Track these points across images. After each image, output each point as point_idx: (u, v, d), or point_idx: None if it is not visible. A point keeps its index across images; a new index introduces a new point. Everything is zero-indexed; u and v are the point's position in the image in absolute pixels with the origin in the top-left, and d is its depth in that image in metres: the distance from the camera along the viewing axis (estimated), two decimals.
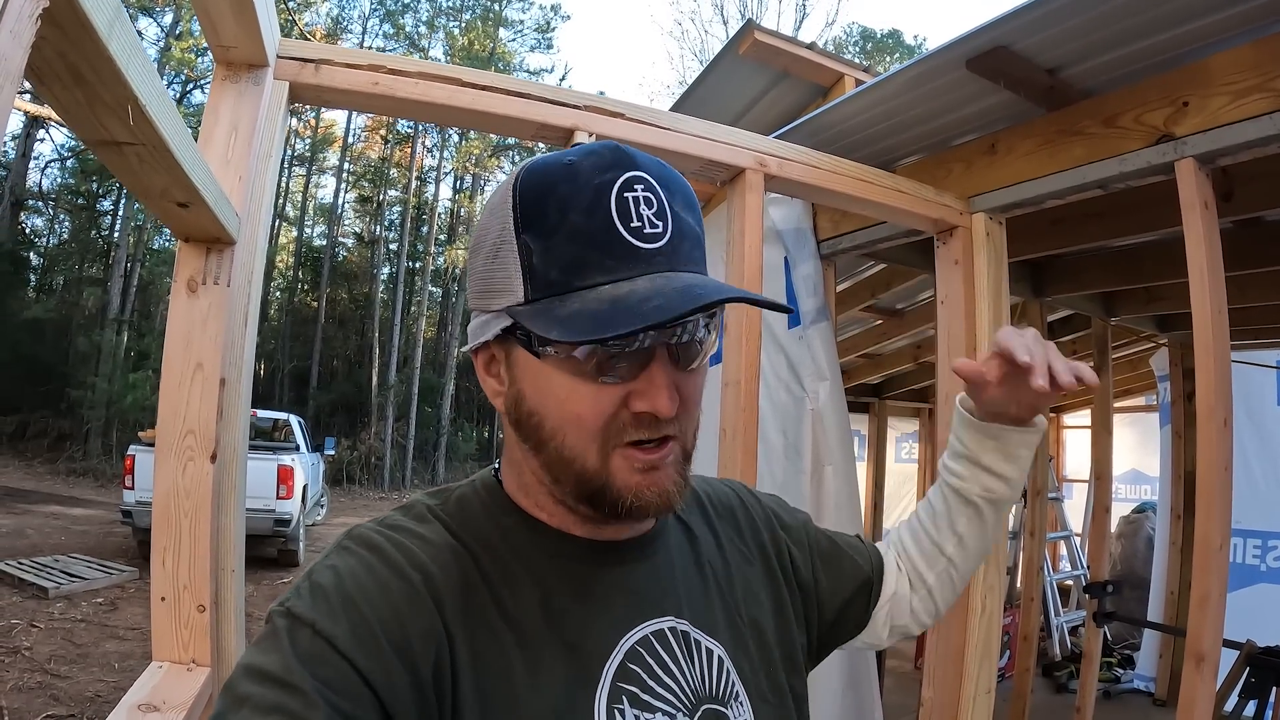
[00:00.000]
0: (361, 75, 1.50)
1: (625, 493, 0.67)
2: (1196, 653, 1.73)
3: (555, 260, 0.63)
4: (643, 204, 0.64)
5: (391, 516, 0.73)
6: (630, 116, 1.75)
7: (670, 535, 0.81)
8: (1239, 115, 1.70)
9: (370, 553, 0.66)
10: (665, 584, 0.77)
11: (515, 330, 0.66)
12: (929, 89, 2.12)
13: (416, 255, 27.70)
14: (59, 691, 5.25)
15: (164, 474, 1.34)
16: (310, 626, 0.60)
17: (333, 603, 0.62)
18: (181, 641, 1.33)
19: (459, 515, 0.73)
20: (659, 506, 0.68)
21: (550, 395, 0.66)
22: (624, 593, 0.73)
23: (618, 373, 0.65)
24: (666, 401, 0.64)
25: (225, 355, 1.38)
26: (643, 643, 0.72)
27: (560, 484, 0.69)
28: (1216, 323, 1.75)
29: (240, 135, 1.42)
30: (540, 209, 0.64)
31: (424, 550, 0.67)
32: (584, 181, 0.64)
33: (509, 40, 28.91)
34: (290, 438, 11.94)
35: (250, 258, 1.45)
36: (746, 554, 0.88)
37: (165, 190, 1.11)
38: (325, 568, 0.65)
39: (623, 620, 0.72)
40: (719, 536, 0.87)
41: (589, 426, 0.65)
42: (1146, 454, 7.71)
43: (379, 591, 0.63)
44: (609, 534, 0.74)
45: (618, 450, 0.66)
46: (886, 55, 31.50)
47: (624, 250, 0.63)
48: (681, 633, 0.75)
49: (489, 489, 0.76)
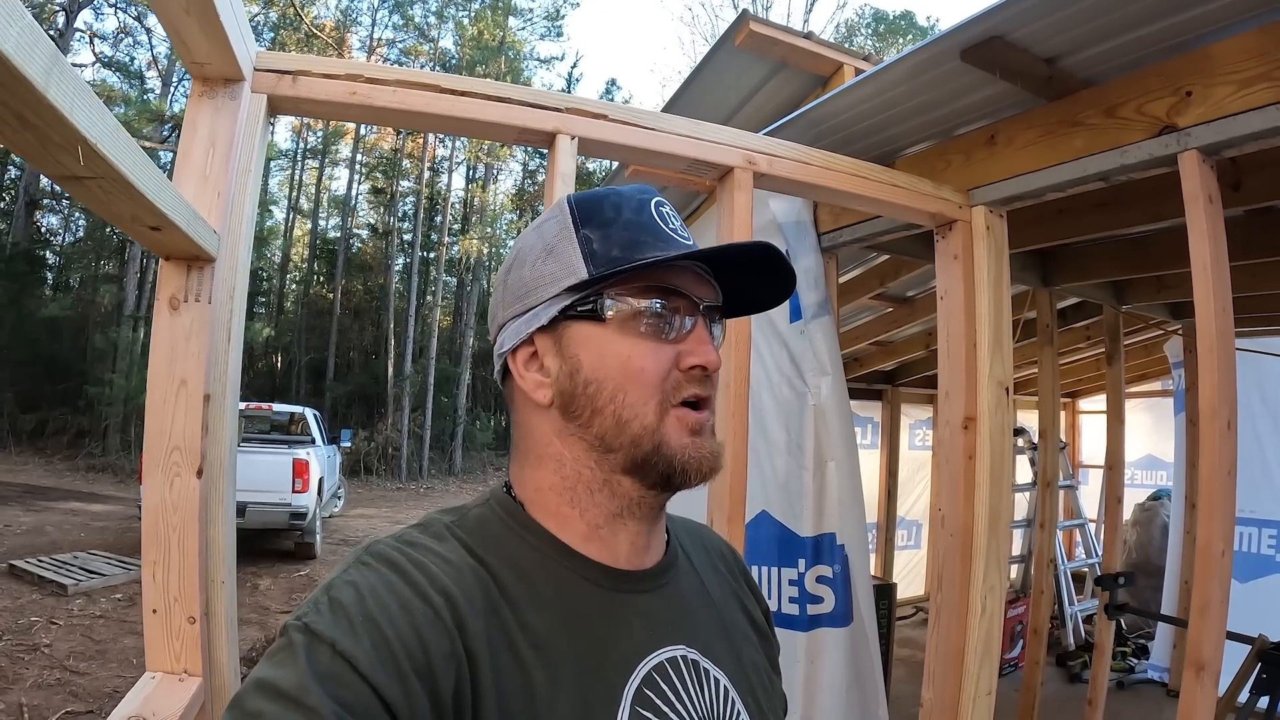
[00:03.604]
0: (339, 85, 1.49)
1: (679, 452, 0.72)
2: (1197, 661, 1.70)
3: (615, 242, 0.74)
4: (672, 218, 0.77)
5: (409, 534, 0.73)
6: (614, 118, 1.72)
7: (680, 566, 0.84)
8: (1244, 105, 1.64)
9: (391, 571, 0.66)
10: (677, 613, 0.79)
11: (575, 307, 0.74)
12: (926, 79, 2.07)
13: (430, 245, 27.71)
14: (78, 688, 5.32)
15: (151, 489, 1.36)
16: (330, 645, 0.59)
17: (354, 621, 0.60)
18: (173, 652, 1.35)
19: (478, 534, 0.74)
20: (707, 469, 0.74)
21: (613, 356, 0.72)
22: (641, 619, 0.75)
23: (670, 334, 0.73)
24: (714, 354, 0.74)
25: (209, 371, 1.39)
26: (658, 669, 0.73)
27: (613, 453, 0.73)
28: (1221, 320, 1.70)
29: (218, 151, 1.41)
30: (597, 210, 0.76)
31: (445, 571, 0.67)
32: (628, 195, 0.77)
33: (519, 29, 28.75)
34: (306, 431, 12.06)
35: (232, 274, 1.44)
36: (741, 597, 0.92)
37: (134, 216, 1.11)
38: (344, 584, 0.64)
39: (640, 646, 0.73)
40: (718, 574, 0.91)
41: (650, 381, 0.72)
42: (1162, 439, 7.63)
43: (401, 612, 0.62)
44: (626, 562, 0.77)
45: (672, 411, 0.73)
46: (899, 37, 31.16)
47: (669, 239, 0.74)
48: (692, 661, 0.76)
49: (505, 507, 0.77)
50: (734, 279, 0.79)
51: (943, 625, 2.18)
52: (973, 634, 2.12)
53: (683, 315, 0.74)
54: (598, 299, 0.73)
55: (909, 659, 6.15)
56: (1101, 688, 4.14)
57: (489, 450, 26.24)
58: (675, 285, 0.74)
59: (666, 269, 0.74)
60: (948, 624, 2.16)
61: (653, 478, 0.73)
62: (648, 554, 0.79)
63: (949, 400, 2.24)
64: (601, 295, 0.73)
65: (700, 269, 0.77)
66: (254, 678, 0.58)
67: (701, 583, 0.86)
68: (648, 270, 0.72)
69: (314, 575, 9.37)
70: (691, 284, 0.75)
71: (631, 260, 0.72)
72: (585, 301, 0.73)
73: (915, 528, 8.02)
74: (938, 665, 2.19)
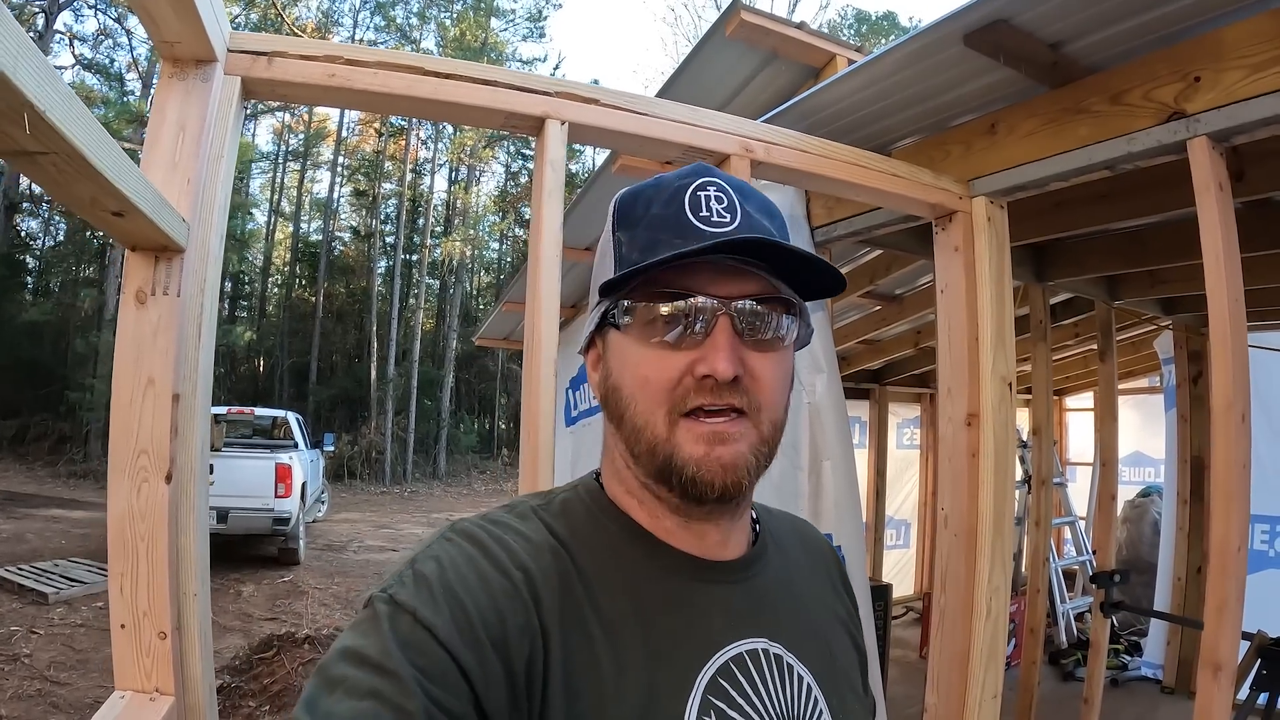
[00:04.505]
0: (316, 67, 1.40)
1: (689, 463, 0.69)
2: (1213, 662, 1.65)
3: (636, 244, 0.72)
4: (713, 200, 0.72)
5: (494, 513, 0.75)
6: (605, 102, 1.65)
7: (770, 558, 0.83)
8: (1256, 90, 1.58)
9: (472, 545, 0.68)
10: (762, 606, 0.78)
11: (607, 314, 0.74)
12: (925, 66, 2.01)
13: (413, 248, 27.61)
14: (59, 699, 5.23)
15: (117, 496, 1.28)
16: (411, 614, 0.61)
17: (435, 592, 0.63)
18: (144, 670, 1.28)
19: (562, 516, 0.75)
20: (723, 482, 0.69)
21: (627, 364, 0.72)
22: (722, 609, 0.74)
23: (683, 342, 0.69)
24: (724, 363, 0.67)
25: (178, 369, 1.31)
26: (736, 660, 0.72)
27: (639, 461, 0.72)
28: (1234, 312, 1.65)
29: (188, 135, 1.32)
30: (630, 209, 0.75)
31: (524, 548, 0.69)
32: (665, 185, 0.74)
33: (501, 30, 28.69)
34: (289, 435, 12.06)
35: (203, 265, 1.35)
36: (838, 600, 0.91)
37: (94, 199, 1.03)
38: (428, 557, 0.66)
39: (719, 635, 0.73)
40: (816, 573, 0.90)
41: (655, 389, 0.70)
42: (1150, 435, 7.66)
43: (480, 584, 0.64)
44: (712, 552, 0.76)
45: (683, 419, 0.69)
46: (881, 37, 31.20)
47: (690, 232, 0.70)
48: (774, 655, 0.75)
49: (591, 492, 0.79)
50: (782, 263, 0.72)
51: (947, 628, 2.12)
52: (978, 637, 2.05)
53: (695, 319, 0.69)
54: (616, 307, 0.73)
55: (901, 659, 6.12)
56: (1098, 686, 4.11)
57: (473, 453, 26.16)
58: (685, 287, 0.70)
59: (678, 269, 0.69)
60: (952, 626, 2.10)
61: (673, 483, 0.71)
62: (726, 548, 0.78)
63: (951, 397, 2.18)
64: (618, 303, 0.73)
65: (734, 260, 0.70)
66: (338, 646, 0.61)
67: (795, 580, 0.84)
68: (659, 272, 0.69)
69: (298, 581, 9.29)
70: (711, 282, 0.70)
71: (642, 263, 0.69)
72: (612, 309, 0.74)
73: (904, 527, 8.01)
74: (942, 669, 2.13)
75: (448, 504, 19.78)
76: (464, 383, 27.27)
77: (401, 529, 14.91)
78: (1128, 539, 7.16)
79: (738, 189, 0.74)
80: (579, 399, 4.58)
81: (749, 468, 0.71)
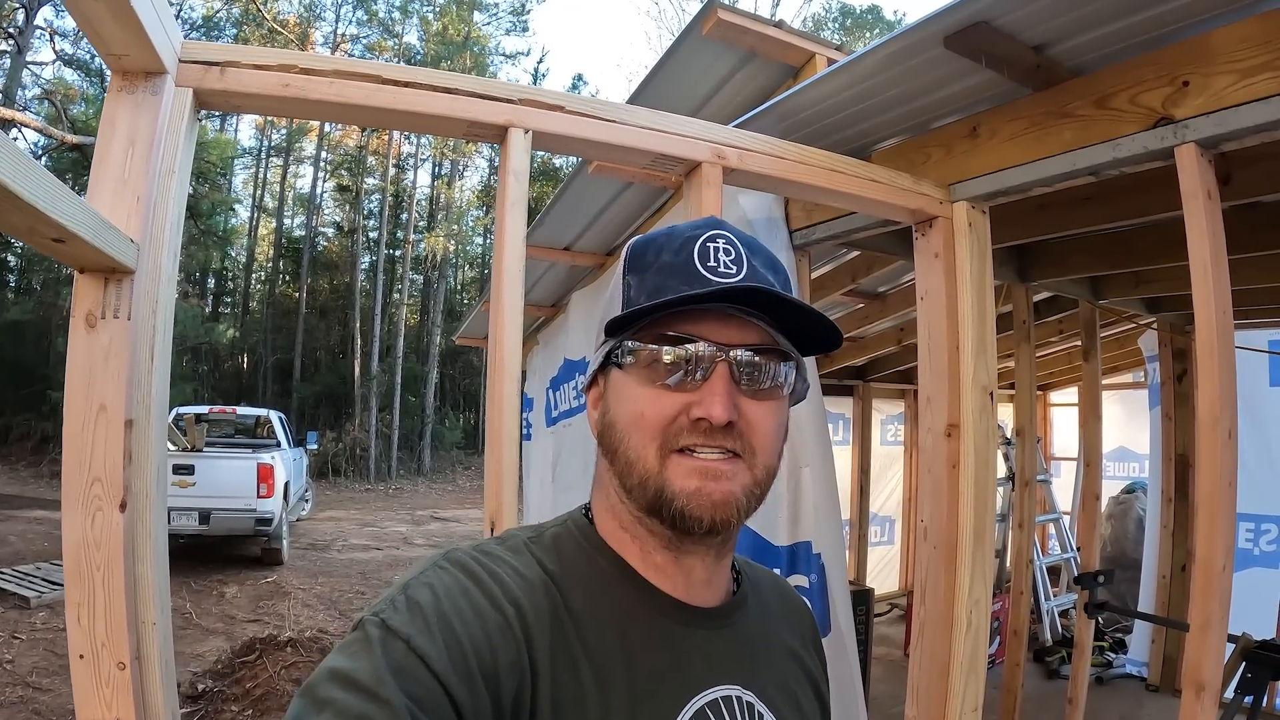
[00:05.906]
0: (270, 77, 1.35)
1: (680, 496, 0.70)
2: (1196, 681, 1.61)
3: (645, 288, 0.75)
4: (721, 252, 0.75)
5: (487, 544, 0.75)
6: (571, 109, 1.59)
7: (750, 608, 0.85)
8: (1246, 96, 1.54)
9: (466, 576, 0.69)
10: (739, 655, 0.80)
11: (610, 354, 0.77)
12: (905, 68, 1.96)
13: (396, 243, 27.47)
14: (41, 705, 5.17)
15: (71, 526, 1.26)
16: (405, 641, 0.61)
17: (429, 620, 0.63)
18: (104, 700, 1.25)
19: (553, 551, 0.77)
20: (711, 518, 0.71)
21: (625, 400, 0.74)
22: (703, 654, 0.76)
23: (682, 385, 0.72)
24: (719, 408, 0.70)
25: (131, 394, 1.27)
26: (712, 705, 0.74)
27: (631, 495, 0.74)
28: (1221, 324, 1.62)
29: (138, 151, 1.27)
30: (642, 256, 0.78)
31: (517, 583, 0.70)
32: (677, 234, 0.77)
33: (484, 24, 28.48)
34: (271, 434, 12.02)
35: (155, 285, 1.30)
36: (809, 661, 0.92)
37: (31, 228, 0.98)
38: (422, 584, 0.67)
39: (697, 680, 0.74)
40: (791, 631, 0.91)
41: (649, 427, 0.72)
42: (1134, 431, 7.68)
43: (474, 616, 0.65)
44: (697, 594, 0.78)
45: (674, 454, 0.71)
46: (866, 31, 31.22)
47: (697, 280, 0.72)
48: (747, 703, 0.77)
49: (581, 528, 0.80)
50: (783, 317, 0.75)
51: (927, 640, 2.09)
52: (958, 650, 2.02)
53: (695, 365, 0.72)
54: (620, 347, 0.75)
55: (884, 657, 6.11)
56: (1082, 685, 4.10)
57: (458, 449, 26.06)
58: (688, 332, 0.72)
59: (682, 315, 0.72)
60: (932, 639, 2.07)
61: (665, 516, 0.72)
62: (709, 590, 0.80)
63: (931, 407, 2.14)
64: (622, 343, 0.75)
65: (737, 309, 0.72)
66: (326, 667, 0.60)
67: (770, 632, 0.86)
68: (664, 316, 0.72)
69: (281, 582, 9.22)
70: (713, 329, 0.72)
71: (648, 304, 0.72)
72: (616, 348, 0.76)
73: (888, 523, 8.01)
74: (922, 681, 2.09)
75: (432, 500, 19.70)
76: (448, 379, 27.17)
77: (386, 526, 14.84)
78: (1112, 535, 7.18)
79: (746, 243, 0.77)
80: (559, 399, 4.54)
81: (739, 508, 0.72)
